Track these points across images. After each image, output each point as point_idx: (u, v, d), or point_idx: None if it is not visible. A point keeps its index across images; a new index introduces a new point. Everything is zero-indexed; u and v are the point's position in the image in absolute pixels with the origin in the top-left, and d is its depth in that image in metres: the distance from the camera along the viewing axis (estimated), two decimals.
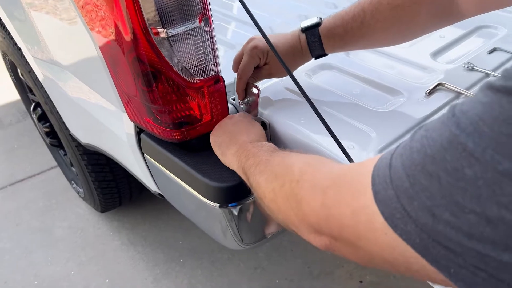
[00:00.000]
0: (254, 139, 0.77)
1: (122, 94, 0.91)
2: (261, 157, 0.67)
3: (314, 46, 0.84)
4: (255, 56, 0.84)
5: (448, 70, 0.93)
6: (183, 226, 1.77)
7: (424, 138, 0.36)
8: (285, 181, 0.56)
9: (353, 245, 0.44)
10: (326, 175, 0.50)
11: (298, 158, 0.60)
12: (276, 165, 0.62)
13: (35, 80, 1.41)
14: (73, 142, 1.43)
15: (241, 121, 0.84)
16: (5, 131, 2.48)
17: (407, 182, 0.36)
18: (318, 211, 0.48)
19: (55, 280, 1.62)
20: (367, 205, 0.39)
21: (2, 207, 1.95)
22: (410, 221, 0.35)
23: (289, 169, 0.57)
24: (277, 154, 0.66)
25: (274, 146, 0.72)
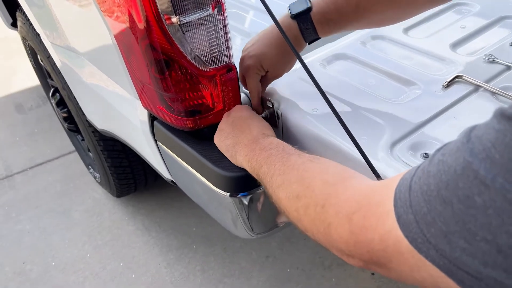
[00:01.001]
0: (259, 133, 0.76)
1: (135, 81, 0.92)
2: (274, 165, 0.65)
3: (307, 32, 0.79)
4: (254, 75, 0.84)
5: (468, 62, 0.91)
6: (196, 213, 1.79)
7: (441, 163, 0.36)
8: (309, 204, 0.55)
9: (385, 266, 0.44)
10: (349, 199, 0.49)
11: (315, 174, 0.58)
12: (294, 182, 0.60)
13: (53, 65, 1.43)
14: (89, 127, 1.45)
15: (239, 118, 0.82)
16: (26, 115, 2.53)
17: (425, 208, 0.36)
18: (346, 238, 0.48)
19: (72, 261, 1.66)
20: (393, 228, 0.40)
21: (22, 190, 2.01)
22: (431, 247, 0.36)
23: (310, 190, 0.56)
24: (291, 164, 0.63)
25: (281, 144, 0.71)
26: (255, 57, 0.82)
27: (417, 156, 0.70)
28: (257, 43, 0.83)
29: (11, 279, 1.61)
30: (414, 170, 0.40)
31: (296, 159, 0.64)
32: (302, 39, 0.81)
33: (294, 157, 0.65)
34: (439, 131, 0.74)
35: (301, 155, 0.65)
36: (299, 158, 0.64)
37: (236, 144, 0.77)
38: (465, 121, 0.75)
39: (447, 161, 0.36)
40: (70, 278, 1.60)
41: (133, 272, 1.60)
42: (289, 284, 1.51)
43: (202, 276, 1.56)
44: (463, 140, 0.35)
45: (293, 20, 0.79)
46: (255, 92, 0.87)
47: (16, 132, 2.40)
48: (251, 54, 0.83)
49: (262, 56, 0.82)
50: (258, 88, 0.86)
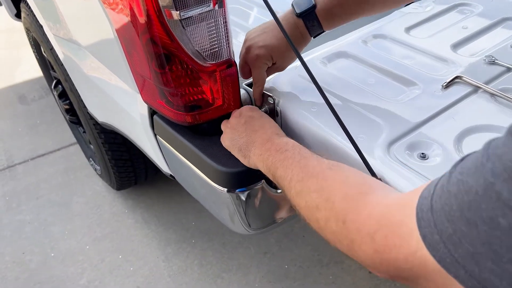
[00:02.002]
0: (273, 133, 0.75)
1: (136, 75, 0.92)
2: (292, 170, 0.64)
3: (313, 29, 0.82)
4: (262, 65, 0.84)
5: (468, 63, 0.91)
6: (196, 207, 1.79)
7: (460, 183, 0.36)
8: (329, 217, 0.54)
9: (412, 281, 0.44)
10: (369, 216, 0.49)
11: (335, 185, 0.57)
12: (313, 191, 0.58)
13: (55, 57, 1.44)
14: (91, 120, 1.45)
15: (251, 117, 0.80)
16: (29, 106, 2.54)
17: (450, 228, 0.36)
18: (371, 255, 0.47)
19: (71, 253, 1.67)
20: (418, 248, 0.40)
21: (24, 181, 2.02)
22: (460, 267, 0.36)
23: (330, 202, 0.55)
24: (309, 171, 0.61)
25: (296, 146, 0.69)
26: (266, 48, 0.82)
27: (414, 156, 0.71)
28: (265, 35, 0.83)
29: (10, 268, 1.63)
30: (432, 187, 0.40)
31: (314, 164, 0.62)
32: (308, 35, 0.83)
33: (312, 162, 0.63)
34: (437, 132, 0.74)
35: (319, 160, 0.63)
36: (317, 164, 0.62)
37: (249, 144, 0.76)
38: (463, 122, 0.75)
39: (467, 181, 0.35)
40: (69, 270, 1.61)
41: (131, 264, 1.61)
42: (286, 281, 1.52)
43: (200, 271, 1.57)
44: (482, 159, 0.35)
45: (299, 18, 0.81)
46: (260, 82, 0.87)
47: (19, 123, 2.41)
48: (261, 44, 0.83)
49: (273, 47, 0.82)
50: (263, 79, 0.86)
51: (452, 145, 0.71)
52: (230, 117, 0.84)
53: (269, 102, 0.89)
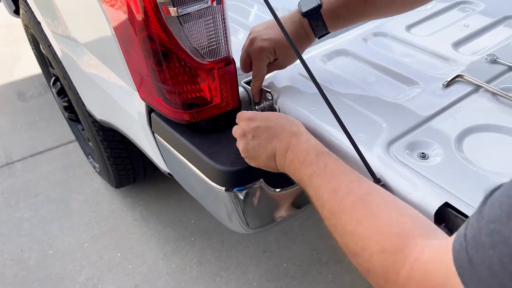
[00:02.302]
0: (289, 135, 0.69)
1: (133, 73, 0.91)
2: (322, 195, 0.59)
3: (318, 29, 0.82)
4: (265, 58, 0.83)
5: (469, 62, 0.90)
6: (195, 206, 1.79)
7: (495, 233, 0.35)
8: (369, 269, 0.52)
9: None
10: (410, 278, 0.47)
11: (371, 231, 0.52)
12: (349, 233, 0.54)
13: (54, 54, 1.43)
14: (89, 117, 1.45)
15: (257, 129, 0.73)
16: (28, 103, 2.53)
17: (495, 284, 0.35)
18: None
19: (70, 251, 1.66)
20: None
21: (22, 178, 2.01)
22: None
23: (367, 254, 0.52)
24: (340, 203, 0.57)
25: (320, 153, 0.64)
26: (270, 41, 0.82)
27: (414, 156, 0.70)
28: (271, 29, 0.83)
29: (9, 266, 1.62)
30: (462, 239, 0.39)
31: (345, 193, 0.57)
32: (312, 35, 0.83)
33: (343, 188, 0.58)
34: (437, 131, 0.73)
35: (349, 184, 0.58)
36: (348, 191, 0.57)
37: (270, 158, 0.70)
38: (464, 121, 0.74)
39: (500, 231, 0.34)
40: (67, 267, 1.60)
41: (130, 263, 1.60)
42: (285, 279, 1.51)
43: (199, 269, 1.56)
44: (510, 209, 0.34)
45: (304, 17, 0.81)
46: (260, 77, 0.86)
47: (18, 119, 2.40)
48: (265, 37, 0.82)
49: (278, 42, 0.82)
50: (264, 73, 0.86)
51: (452, 145, 0.70)
52: (237, 141, 0.76)
53: (268, 98, 0.88)
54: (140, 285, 1.53)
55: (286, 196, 0.92)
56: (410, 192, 0.63)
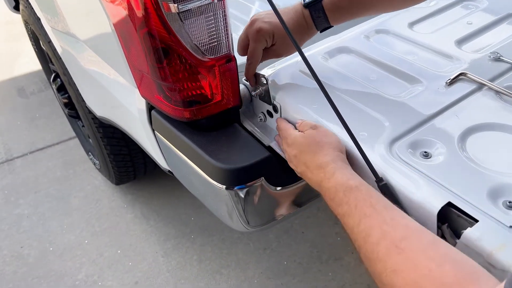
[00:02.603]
0: (319, 169, 0.66)
1: (134, 70, 0.90)
2: (356, 235, 0.56)
3: (319, 21, 0.81)
4: (262, 39, 0.82)
5: (473, 59, 0.89)
6: (195, 203, 1.78)
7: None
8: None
9: None
10: None
11: (409, 284, 0.48)
12: (385, 284, 0.51)
13: (54, 51, 1.42)
14: (89, 114, 1.44)
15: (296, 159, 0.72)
16: (28, 100, 2.52)
17: None
18: None
19: (70, 247, 1.66)
20: None
21: (22, 174, 2.01)
22: None
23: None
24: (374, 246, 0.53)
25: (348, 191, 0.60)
26: (270, 24, 0.81)
27: (417, 155, 0.69)
28: (273, 15, 0.81)
29: (8, 263, 1.62)
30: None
31: (378, 238, 0.53)
32: (313, 27, 0.83)
33: (376, 232, 0.54)
34: (440, 130, 0.73)
35: (382, 227, 0.53)
36: (382, 236, 0.53)
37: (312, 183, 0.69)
38: (467, 120, 0.74)
39: None
40: (67, 264, 1.60)
41: (130, 259, 1.60)
42: (285, 277, 1.51)
43: (199, 266, 1.56)
44: None
45: (306, 8, 0.81)
46: (255, 59, 0.84)
47: (18, 116, 2.40)
48: (266, 20, 0.81)
49: (277, 26, 0.81)
50: (259, 56, 0.84)
51: (456, 144, 0.69)
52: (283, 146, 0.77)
53: (262, 82, 0.86)
54: (140, 282, 1.53)
55: (287, 195, 0.91)
56: (413, 191, 0.62)
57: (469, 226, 0.56)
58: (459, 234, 0.57)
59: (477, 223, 0.56)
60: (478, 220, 0.56)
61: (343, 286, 1.48)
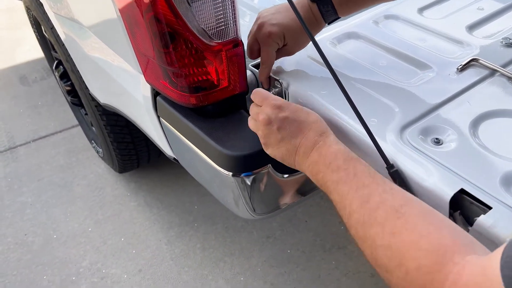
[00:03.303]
0: (316, 134, 0.65)
1: (139, 55, 0.89)
2: (350, 202, 0.56)
3: (328, 14, 0.80)
4: (273, 43, 0.80)
5: (484, 45, 0.87)
6: (199, 191, 1.78)
7: None
8: (404, 278, 0.48)
9: None
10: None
11: (405, 245, 0.49)
12: (379, 246, 0.51)
13: (56, 37, 1.40)
14: (92, 101, 1.43)
15: (284, 120, 0.67)
16: (30, 87, 2.51)
17: None
18: None
19: (73, 235, 1.66)
20: None
21: (25, 162, 2.00)
22: None
23: (401, 271, 0.48)
24: (371, 214, 0.53)
25: (349, 160, 0.60)
26: (279, 26, 0.79)
27: (428, 141, 0.68)
28: (279, 15, 0.80)
29: (13, 250, 1.62)
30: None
31: (377, 203, 0.53)
32: (322, 20, 0.81)
33: (374, 198, 0.54)
34: (451, 116, 0.71)
35: (382, 195, 0.54)
36: (381, 202, 0.53)
37: (291, 153, 0.67)
38: (479, 106, 0.72)
39: None
40: (71, 251, 1.60)
41: (133, 247, 1.60)
42: (288, 265, 1.51)
43: (203, 254, 1.56)
44: None
45: (313, 3, 0.79)
46: (268, 63, 0.83)
47: (20, 104, 2.39)
48: (274, 22, 0.80)
49: (287, 27, 0.79)
50: (272, 59, 0.83)
51: (467, 131, 0.68)
52: (258, 126, 0.71)
53: (276, 86, 0.86)
54: (144, 270, 1.53)
55: (293, 182, 0.90)
56: (424, 178, 0.61)
57: (482, 213, 0.55)
58: (472, 221, 0.56)
59: (490, 210, 0.55)
60: (491, 207, 0.55)
61: (346, 274, 1.48)
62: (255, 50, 0.84)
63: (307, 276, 1.48)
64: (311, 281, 1.46)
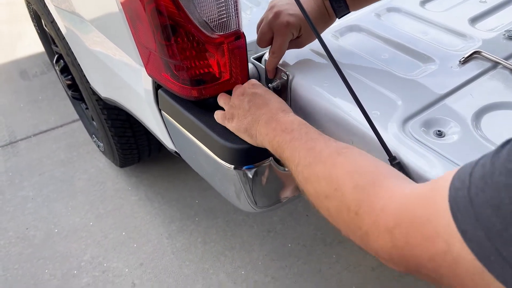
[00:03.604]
0: (278, 109, 0.72)
1: (141, 48, 0.88)
2: (298, 152, 0.61)
3: (340, 10, 0.80)
4: (289, 33, 0.80)
5: (487, 38, 0.87)
6: (200, 186, 1.78)
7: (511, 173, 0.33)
8: (340, 208, 0.51)
9: (433, 279, 0.41)
10: (385, 209, 0.45)
11: (344, 173, 0.54)
12: (322, 178, 0.56)
13: (57, 31, 1.40)
14: (93, 95, 1.42)
15: (254, 95, 0.77)
16: (30, 82, 2.50)
17: (499, 224, 0.33)
18: (389, 251, 0.45)
19: (75, 229, 1.67)
20: (451, 248, 0.37)
21: (26, 157, 2.00)
22: (507, 266, 0.33)
23: (339, 193, 0.52)
24: (316, 156, 0.58)
25: (303, 125, 0.66)
26: (297, 17, 0.79)
27: (430, 134, 0.68)
28: (295, 6, 0.79)
29: (14, 244, 1.63)
30: (467, 177, 0.36)
31: (321, 148, 0.59)
32: (334, 15, 0.82)
33: (320, 145, 0.60)
34: (454, 109, 0.71)
35: (327, 142, 0.60)
36: (325, 147, 0.59)
37: (254, 123, 0.73)
38: (481, 99, 0.72)
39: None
40: (72, 245, 1.61)
41: (135, 241, 1.61)
42: (289, 259, 1.52)
43: (204, 248, 1.57)
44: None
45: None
46: (280, 53, 0.82)
47: (20, 98, 2.38)
48: (292, 12, 0.79)
49: (303, 19, 0.79)
50: (284, 50, 0.82)
51: (470, 123, 0.68)
52: (232, 96, 0.80)
53: (282, 77, 0.85)
54: (145, 264, 1.53)
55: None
56: (427, 170, 0.61)
57: None
58: None
59: None
60: None
61: (347, 268, 1.48)
62: (267, 39, 0.82)
63: (308, 269, 1.48)
64: (312, 275, 1.47)
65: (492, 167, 0.35)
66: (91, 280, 1.49)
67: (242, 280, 1.46)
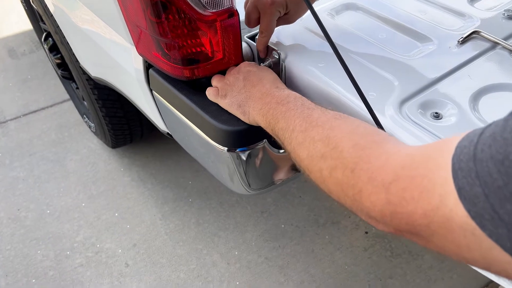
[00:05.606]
0: (272, 86, 0.72)
1: (131, 26, 0.86)
2: (294, 121, 0.61)
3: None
4: (275, 12, 0.77)
5: (486, 18, 0.85)
6: (193, 166, 1.77)
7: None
8: (336, 166, 0.50)
9: (422, 238, 0.41)
10: (384, 166, 0.44)
11: (343, 133, 0.53)
12: (318, 140, 0.55)
13: (45, 8, 1.35)
14: (83, 75, 1.39)
15: (248, 72, 0.76)
16: (19, 61, 2.45)
17: (500, 180, 0.31)
18: (381, 208, 0.44)
19: (67, 210, 1.65)
20: (444, 202, 0.36)
21: (16, 137, 1.97)
22: (502, 225, 0.32)
23: (337, 151, 0.51)
24: (313, 121, 0.58)
25: (299, 97, 0.66)
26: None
27: (427, 116, 0.67)
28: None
29: (6, 225, 1.61)
30: (475, 137, 0.35)
31: (319, 115, 0.59)
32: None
33: (317, 113, 0.59)
34: (452, 90, 0.70)
35: (324, 111, 0.60)
36: (322, 114, 0.59)
37: (248, 99, 0.73)
38: (480, 80, 0.71)
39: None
40: (64, 226, 1.60)
41: (128, 222, 1.60)
42: (283, 240, 1.52)
43: (197, 229, 1.57)
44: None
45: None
46: (268, 32, 0.80)
47: (9, 77, 2.33)
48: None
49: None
50: (273, 29, 0.81)
51: (467, 105, 0.67)
52: (227, 74, 0.80)
53: (274, 56, 0.84)
54: (138, 244, 1.53)
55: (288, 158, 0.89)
56: None
57: None
58: None
59: None
60: None
61: (340, 249, 1.49)
62: (254, 19, 0.80)
63: (300, 250, 1.49)
64: (305, 255, 1.48)
65: (505, 124, 0.33)
66: (84, 261, 1.49)
67: (235, 261, 1.47)
